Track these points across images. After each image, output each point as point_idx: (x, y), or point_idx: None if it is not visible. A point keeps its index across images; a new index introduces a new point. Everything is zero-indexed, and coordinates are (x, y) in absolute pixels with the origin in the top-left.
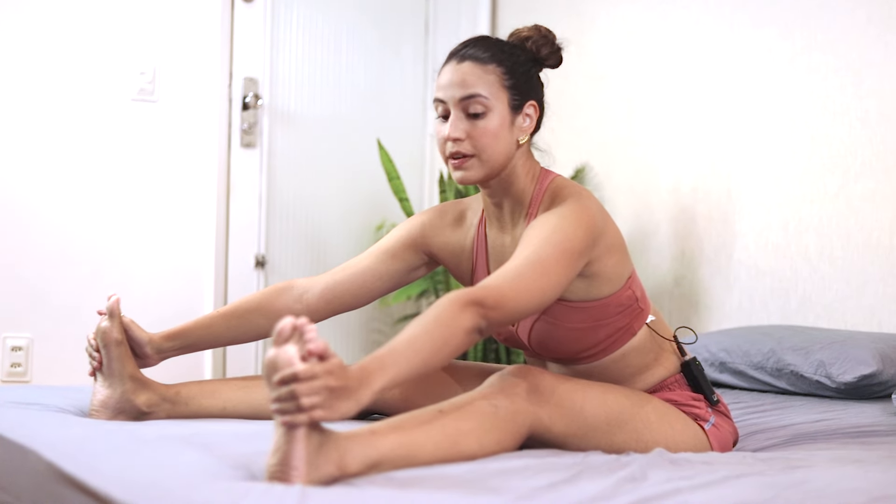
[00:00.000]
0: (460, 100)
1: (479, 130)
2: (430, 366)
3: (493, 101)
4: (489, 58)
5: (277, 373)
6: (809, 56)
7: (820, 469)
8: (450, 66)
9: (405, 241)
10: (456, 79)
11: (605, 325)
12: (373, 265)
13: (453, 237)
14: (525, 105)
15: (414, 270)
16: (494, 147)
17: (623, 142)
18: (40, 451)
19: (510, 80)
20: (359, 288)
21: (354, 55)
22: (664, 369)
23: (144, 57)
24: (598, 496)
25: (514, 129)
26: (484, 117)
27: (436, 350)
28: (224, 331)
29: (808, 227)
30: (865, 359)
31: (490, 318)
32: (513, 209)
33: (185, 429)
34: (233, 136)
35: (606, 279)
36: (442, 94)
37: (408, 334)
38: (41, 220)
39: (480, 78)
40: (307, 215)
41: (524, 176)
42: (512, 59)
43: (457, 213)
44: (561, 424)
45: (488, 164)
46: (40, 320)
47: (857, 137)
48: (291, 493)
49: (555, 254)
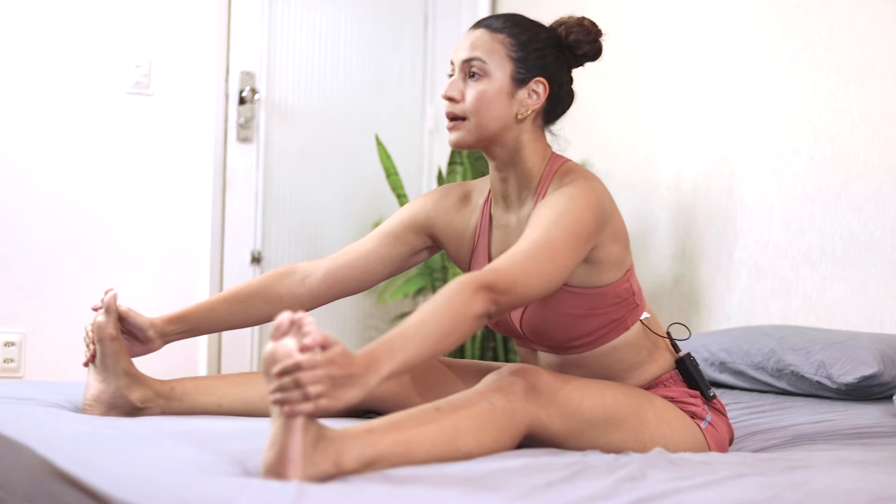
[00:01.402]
0: (463, 62)
1: (472, 92)
2: (439, 350)
3: (492, 66)
4: (502, 28)
5: (277, 365)
6: (812, 53)
7: (821, 470)
8: (467, 31)
9: (408, 223)
10: (466, 42)
11: (600, 314)
12: (375, 248)
13: (457, 219)
14: (531, 80)
15: (416, 254)
16: (485, 112)
17: (624, 138)
18: (34, 447)
19: (519, 53)
20: (361, 272)
21: (353, 50)
22: (658, 366)
23: (140, 50)
24: (596, 495)
25: (514, 102)
26: (479, 81)
27: (444, 335)
28: (227, 315)
29: (809, 227)
30: (867, 359)
31: (500, 302)
32: (519, 187)
33: (181, 425)
34: (229, 130)
35: (607, 267)
36: (452, 55)
37: (417, 318)
38: (35, 215)
39: (486, 44)
40: (304, 211)
41: (533, 155)
42: (528, 34)
43: (461, 193)
44: (559, 423)
45: (478, 128)
46: (34, 315)
47: (860, 136)
48: (288, 489)
49: (563, 236)
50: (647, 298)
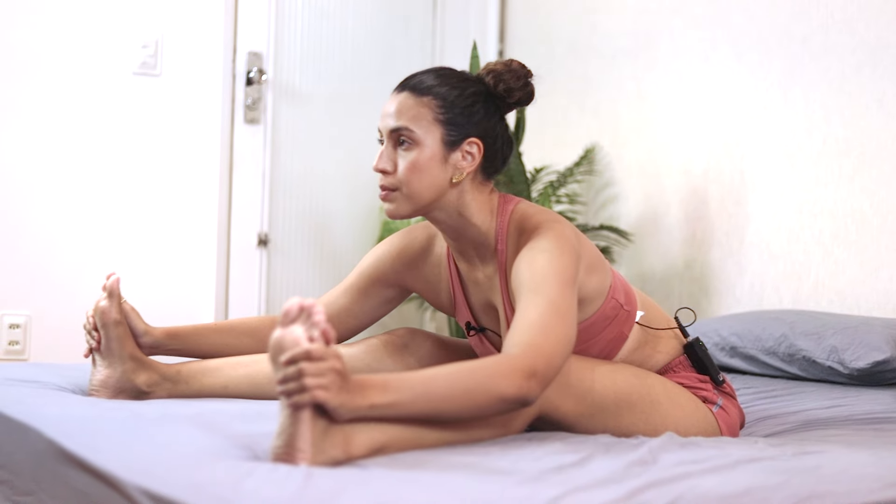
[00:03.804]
0: (391, 131)
1: (403, 163)
2: (441, 411)
3: (420, 133)
4: (427, 89)
5: (284, 353)
6: (825, 35)
7: (832, 455)
8: (392, 94)
9: (374, 276)
10: (391, 109)
11: (596, 342)
12: (346, 305)
13: (426, 265)
14: (464, 142)
15: (387, 303)
16: (417, 182)
17: (634, 122)
18: (40, 429)
19: (447, 114)
20: (336, 328)
21: (361, 31)
22: (665, 354)
23: (147, 30)
24: (607, 479)
25: (448, 167)
26: (409, 150)
27: (449, 397)
28: (220, 346)
29: (822, 211)
30: (879, 345)
31: (533, 392)
32: (475, 246)
33: (188, 408)
34: (236, 111)
35: (589, 300)
36: (379, 122)
37: (432, 371)
38: (40, 197)
39: (412, 109)
40: (311, 194)
41: (478, 213)
42: (455, 91)
43: (426, 237)
44: (570, 404)
45: (411, 199)
46: (39, 298)
47: (874, 119)
48: (297, 473)
49: (560, 292)
50: (658, 283)
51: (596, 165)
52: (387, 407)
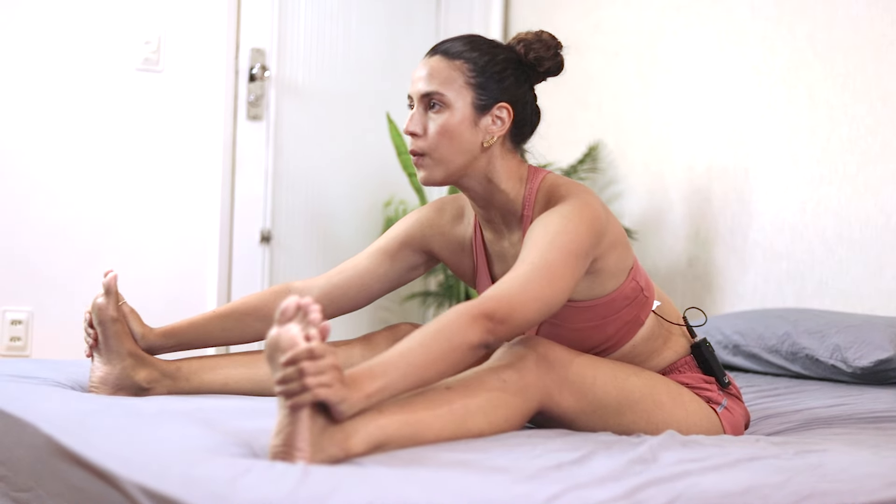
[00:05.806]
0: (422, 95)
1: (433, 127)
2: (426, 379)
3: (451, 97)
4: (459, 53)
5: (282, 352)
6: (830, 32)
7: (834, 453)
8: (423, 59)
9: (403, 240)
10: (422, 73)
11: (613, 320)
12: (371, 266)
13: (453, 235)
14: (494, 106)
15: (413, 269)
16: (448, 146)
17: (638, 119)
18: (39, 426)
19: (478, 78)
20: (357, 290)
21: (364, 27)
22: (673, 352)
23: (150, 26)
24: (607, 477)
25: (479, 130)
26: (440, 113)
27: (431, 363)
28: (219, 332)
29: (825, 209)
30: (882, 343)
31: (498, 332)
32: (504, 216)
33: (187, 404)
34: (239, 108)
35: (610, 275)
36: (410, 87)
37: (405, 345)
38: (42, 193)
39: (443, 72)
40: (314, 190)
41: (508, 179)
42: (486, 57)
43: (456, 208)
44: (571, 399)
45: (442, 163)
46: (40, 294)
47: (878, 117)
48: (294, 470)
49: (561, 257)
50: (661, 280)
51: (599, 163)
52: (380, 392)
